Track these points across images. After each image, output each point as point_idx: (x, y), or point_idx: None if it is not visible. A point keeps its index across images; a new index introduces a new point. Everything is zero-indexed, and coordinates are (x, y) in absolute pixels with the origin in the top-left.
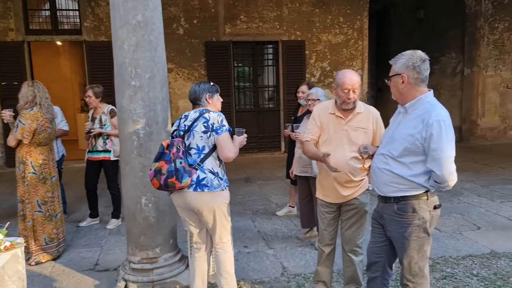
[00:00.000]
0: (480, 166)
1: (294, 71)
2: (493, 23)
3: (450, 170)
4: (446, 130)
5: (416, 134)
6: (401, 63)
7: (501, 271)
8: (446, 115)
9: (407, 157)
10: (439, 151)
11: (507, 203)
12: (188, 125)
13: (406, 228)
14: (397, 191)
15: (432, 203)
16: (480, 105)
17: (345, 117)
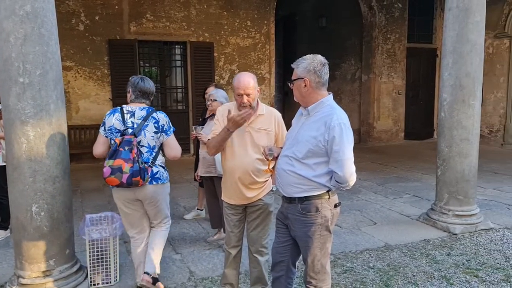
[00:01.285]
0: (376, 166)
1: (203, 72)
2: (386, 34)
3: (351, 171)
4: (346, 133)
5: (319, 136)
6: (303, 67)
7: (393, 262)
8: (346, 118)
9: (310, 158)
10: (340, 153)
11: (399, 199)
12: (137, 123)
13: (310, 227)
14: (301, 192)
15: (333, 202)
16: (376, 109)
17: (248, 119)
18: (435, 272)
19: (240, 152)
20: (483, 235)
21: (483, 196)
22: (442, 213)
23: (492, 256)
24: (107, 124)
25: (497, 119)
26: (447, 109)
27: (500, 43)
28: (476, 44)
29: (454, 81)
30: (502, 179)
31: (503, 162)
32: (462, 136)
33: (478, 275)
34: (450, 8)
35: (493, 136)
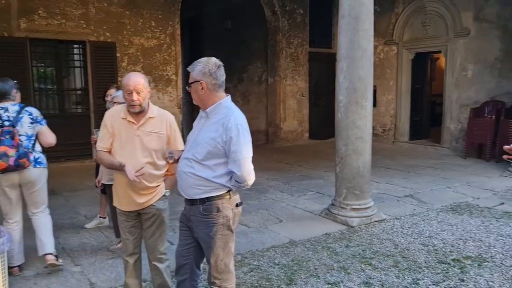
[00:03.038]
0: (283, 165)
1: (105, 73)
2: (289, 39)
3: (249, 170)
4: (243, 133)
5: (218, 137)
6: (198, 70)
7: (297, 257)
8: (243, 119)
9: (210, 160)
10: (238, 153)
11: (303, 197)
12: (13, 116)
13: (211, 228)
14: (202, 193)
15: (234, 202)
16: (282, 111)
17: (137, 122)
18: (335, 264)
19: (130, 156)
20: (376, 226)
21: (377, 190)
22: (341, 208)
23: (384, 245)
24: None
25: (389, 119)
26: (343, 110)
27: (390, 50)
28: (366, 50)
29: (348, 84)
30: (393, 174)
31: (394, 158)
32: (357, 135)
33: (372, 263)
34: (343, 16)
35: (386, 135)
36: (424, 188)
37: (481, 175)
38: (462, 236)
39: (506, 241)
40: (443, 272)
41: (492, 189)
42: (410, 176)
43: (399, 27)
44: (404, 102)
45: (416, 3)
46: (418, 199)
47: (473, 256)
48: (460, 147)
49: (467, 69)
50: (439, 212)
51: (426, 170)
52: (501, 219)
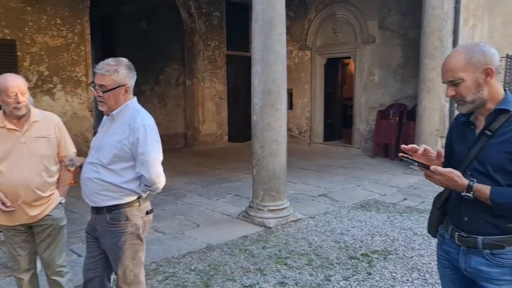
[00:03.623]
0: (202, 169)
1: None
2: (206, 41)
3: (158, 172)
4: (151, 134)
5: (124, 140)
6: (123, 74)
7: (214, 261)
8: (150, 120)
9: (117, 163)
10: (146, 155)
11: (221, 200)
12: None
13: (120, 237)
14: (109, 200)
15: (144, 209)
16: (201, 114)
17: (21, 128)
18: (251, 266)
19: (16, 167)
20: (292, 226)
21: (293, 190)
22: (259, 209)
23: (299, 244)
24: None
25: (304, 121)
26: (259, 113)
27: (304, 54)
28: (279, 53)
29: (263, 87)
30: (309, 174)
31: (310, 159)
32: (272, 137)
33: (287, 263)
34: (256, 19)
35: (302, 136)
36: (336, 187)
37: (387, 173)
38: (370, 231)
39: (407, 234)
40: (353, 267)
41: (396, 186)
42: (324, 176)
43: (312, 33)
44: (318, 105)
45: (327, 11)
46: (331, 198)
47: (380, 250)
48: (369, 147)
49: (374, 74)
50: (350, 209)
51: (339, 169)
52: (404, 213)
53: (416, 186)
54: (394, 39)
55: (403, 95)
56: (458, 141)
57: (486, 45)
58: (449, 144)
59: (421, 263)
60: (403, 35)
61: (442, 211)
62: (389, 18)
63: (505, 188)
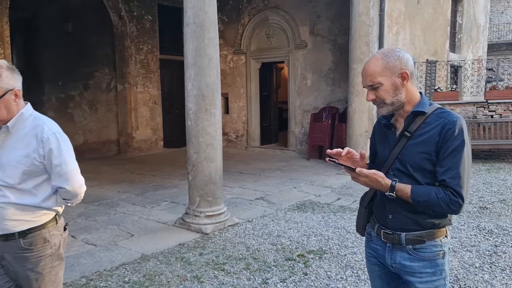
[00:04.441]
0: (136, 176)
1: None
2: (138, 44)
3: (80, 182)
4: (64, 142)
5: (32, 153)
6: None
7: (149, 272)
8: (57, 127)
9: (27, 181)
10: (63, 166)
11: (156, 207)
12: None
13: (38, 263)
14: (22, 224)
15: (62, 225)
16: (134, 119)
17: None
18: (188, 274)
19: None
20: (230, 231)
21: (231, 195)
22: (195, 216)
23: (236, 249)
24: None
25: (241, 125)
26: (193, 117)
27: (238, 59)
28: (212, 58)
29: (197, 92)
30: (246, 178)
31: (247, 163)
32: (208, 142)
33: (225, 269)
34: (188, 23)
35: (239, 140)
36: (273, 189)
37: (321, 174)
38: (306, 232)
39: (341, 233)
40: (290, 269)
41: (330, 186)
42: (261, 179)
43: (246, 37)
44: (254, 108)
45: (260, 16)
46: (268, 200)
47: (315, 250)
48: (304, 150)
49: (307, 78)
50: (286, 211)
51: (276, 172)
52: (338, 213)
53: (349, 186)
54: (325, 44)
55: (334, 98)
56: (380, 142)
57: (401, 50)
58: (372, 146)
59: (354, 261)
60: (332, 40)
61: (368, 210)
62: (319, 24)
63: (424, 186)
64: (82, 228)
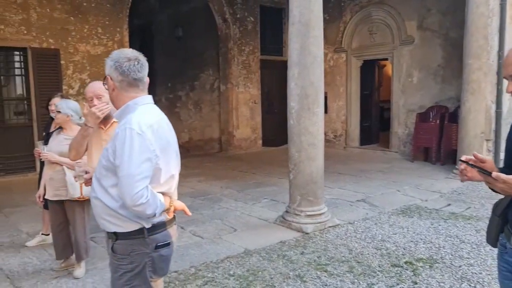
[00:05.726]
0: (237, 173)
1: (49, 82)
2: (240, 46)
3: (131, 191)
4: (132, 141)
5: (109, 147)
6: (107, 63)
7: (252, 267)
8: (142, 121)
9: (105, 178)
10: (121, 168)
11: (257, 204)
12: None
13: (117, 272)
14: (111, 225)
15: (153, 242)
16: (235, 118)
17: (105, 127)
18: (291, 272)
19: (95, 162)
20: (331, 232)
21: (330, 195)
22: (296, 215)
23: (338, 250)
24: None
25: (340, 124)
26: (295, 116)
27: (339, 57)
28: (317, 56)
29: (300, 91)
30: (346, 179)
31: (346, 163)
32: (309, 141)
33: (327, 270)
34: (293, 22)
35: (337, 140)
36: (375, 192)
37: (428, 177)
38: (413, 238)
39: (454, 242)
40: (397, 276)
41: (439, 191)
42: (362, 180)
43: (348, 35)
44: (354, 108)
45: (363, 12)
46: (370, 203)
47: (425, 258)
48: (407, 151)
49: (413, 76)
50: (390, 215)
51: (377, 174)
52: (449, 220)
53: (460, 191)
54: (434, 39)
55: (444, 96)
56: None
57: None
58: (509, 148)
59: (471, 273)
60: (443, 34)
61: (502, 219)
62: (429, 17)
63: None
64: (189, 220)
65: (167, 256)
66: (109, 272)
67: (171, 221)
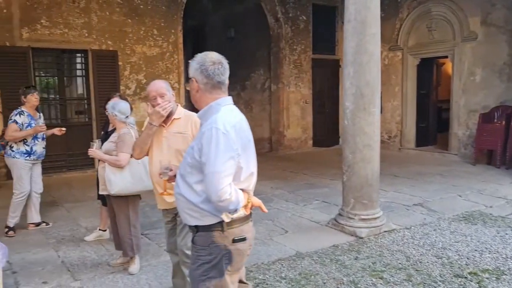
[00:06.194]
0: (287, 174)
1: (107, 82)
2: (292, 45)
3: (217, 188)
4: (217, 140)
5: (195, 145)
6: (191, 66)
7: (304, 270)
8: (226, 122)
9: (190, 175)
10: (207, 165)
11: (309, 206)
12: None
13: (195, 263)
14: (192, 219)
15: (231, 236)
16: (285, 118)
17: (165, 124)
18: (344, 278)
19: (156, 157)
20: (386, 237)
21: (385, 198)
22: (349, 218)
23: (395, 257)
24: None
25: (394, 125)
26: (350, 117)
27: (394, 55)
28: (373, 54)
29: (355, 90)
30: (401, 182)
31: (401, 166)
32: (365, 142)
33: (383, 277)
34: (349, 20)
35: (391, 141)
36: (433, 196)
37: (492, 182)
38: (478, 247)
39: None
40: (460, 287)
41: (504, 197)
42: (419, 183)
43: (404, 32)
44: (410, 108)
45: (422, 8)
46: (428, 208)
47: (491, 269)
48: (468, 154)
49: (475, 74)
50: (451, 221)
51: (435, 177)
52: None
53: None
54: (500, 36)
55: (510, 96)
56: None
57: None
58: None
59: None
60: (510, 30)
61: None
62: (494, 13)
63: None
64: None
65: (243, 250)
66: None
67: (247, 217)
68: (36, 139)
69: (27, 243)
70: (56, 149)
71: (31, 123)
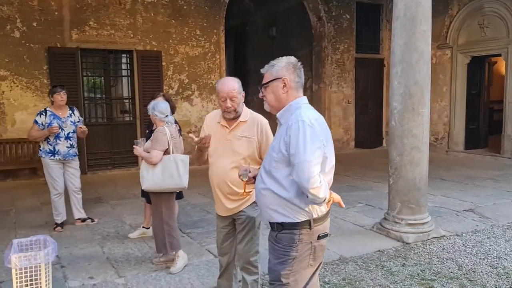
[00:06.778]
0: None
1: (151, 82)
2: (335, 44)
3: (308, 175)
4: (304, 131)
5: (280, 140)
6: (280, 66)
7: (349, 275)
8: (310, 115)
9: (276, 170)
10: (296, 156)
11: (352, 209)
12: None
13: (280, 260)
14: (280, 216)
15: (316, 233)
16: (327, 118)
17: (229, 126)
18: (391, 285)
19: (219, 160)
20: (435, 243)
21: (433, 203)
22: (395, 222)
23: (445, 265)
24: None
25: (441, 127)
26: (398, 117)
27: (443, 54)
28: (423, 52)
29: (403, 90)
30: (450, 186)
31: (449, 169)
32: (413, 144)
33: (434, 286)
34: (398, 17)
35: (438, 144)
36: (486, 201)
37: None
38: None
39: None
40: None
41: None
42: (469, 188)
43: (454, 29)
44: (459, 109)
45: (473, 4)
46: (480, 214)
47: None
48: None
49: None
50: (506, 229)
51: (487, 182)
52: None
53: None
54: None
55: None
56: None
57: None
58: None
59: None
60: None
61: None
62: None
63: None
64: None
65: (324, 245)
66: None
67: (328, 213)
68: (58, 139)
69: (74, 238)
70: (101, 147)
71: (52, 123)
